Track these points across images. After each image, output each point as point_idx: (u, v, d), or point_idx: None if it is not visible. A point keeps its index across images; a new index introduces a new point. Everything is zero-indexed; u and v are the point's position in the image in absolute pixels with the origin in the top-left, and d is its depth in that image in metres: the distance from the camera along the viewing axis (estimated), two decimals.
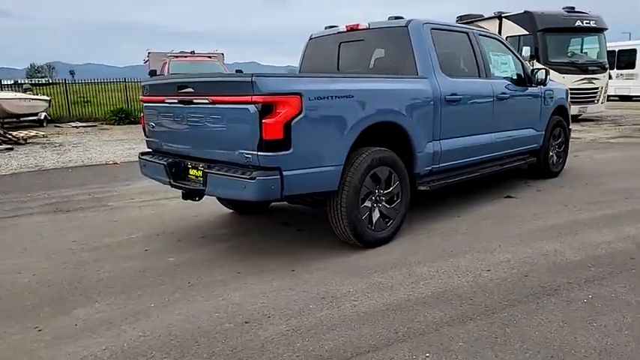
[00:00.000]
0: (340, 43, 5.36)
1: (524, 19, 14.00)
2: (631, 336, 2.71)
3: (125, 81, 22.73)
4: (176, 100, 4.08)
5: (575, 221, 4.81)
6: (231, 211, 5.54)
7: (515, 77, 5.88)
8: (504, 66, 5.86)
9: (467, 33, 5.37)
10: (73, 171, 8.77)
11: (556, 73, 13.47)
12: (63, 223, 5.39)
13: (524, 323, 2.88)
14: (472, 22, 16.52)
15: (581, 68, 13.90)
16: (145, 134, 4.77)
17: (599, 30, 14.37)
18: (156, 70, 14.77)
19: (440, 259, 3.91)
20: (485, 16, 15.78)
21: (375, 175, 4.09)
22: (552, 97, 6.52)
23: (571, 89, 13.39)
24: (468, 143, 5.06)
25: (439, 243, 4.32)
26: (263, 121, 3.38)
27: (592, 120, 15.06)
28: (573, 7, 14.50)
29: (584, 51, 14.57)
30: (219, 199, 5.31)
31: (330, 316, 3.03)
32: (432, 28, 4.83)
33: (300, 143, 3.51)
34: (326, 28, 5.70)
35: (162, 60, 15.98)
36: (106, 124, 19.09)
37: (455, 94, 4.77)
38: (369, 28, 5.06)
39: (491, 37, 5.87)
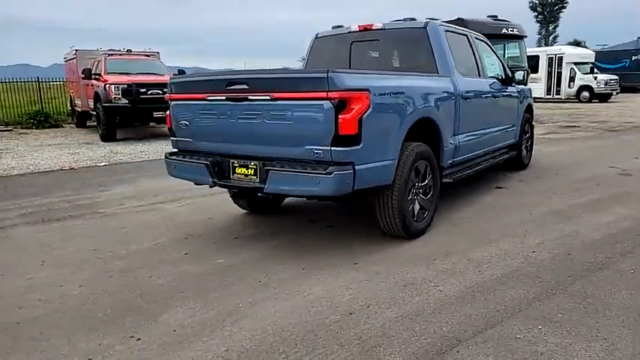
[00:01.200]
0: (352, 43, 5.50)
1: (458, 25, 14.94)
2: None
3: (39, 81, 20.99)
4: (223, 97, 3.98)
5: (572, 206, 5.35)
6: (244, 211, 5.45)
7: (500, 77, 6.38)
8: (492, 67, 6.33)
9: (466, 35, 5.75)
10: (28, 178, 8.03)
11: None
12: (62, 232, 4.98)
13: (599, 294, 3.22)
14: None
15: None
16: (171, 134, 4.58)
17: (520, 37, 15.76)
18: (90, 69, 13.78)
19: (483, 245, 4.20)
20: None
21: (416, 169, 4.29)
22: (525, 97, 7.15)
23: None
24: (475, 137, 5.43)
25: (469, 231, 4.61)
26: (339, 116, 3.43)
27: None
28: (496, 15, 15.74)
29: (507, 56, 15.87)
30: (234, 199, 5.22)
31: (426, 302, 3.17)
32: (445, 30, 5.14)
33: (367, 138, 3.60)
34: (333, 27, 5.81)
35: (92, 58, 14.91)
36: (23, 127, 17.49)
37: (468, 92, 5.11)
38: (384, 29, 5.25)
39: (480, 40, 6.32)
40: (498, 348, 2.62)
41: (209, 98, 4.09)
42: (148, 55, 15.26)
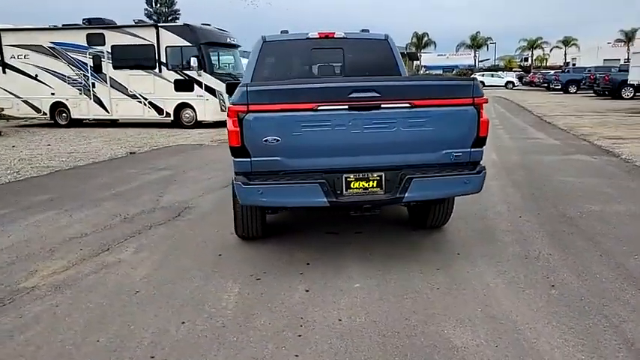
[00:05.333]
0: (312, 49, 5.44)
1: (186, 31, 14.91)
2: None
3: None
4: (345, 107, 3.61)
5: None
6: (237, 241, 4.74)
7: None
8: None
9: None
10: None
11: (221, 82, 15.23)
12: (49, 317, 3.25)
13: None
14: (119, 27, 15.94)
15: (235, 79, 16.13)
16: (238, 154, 3.65)
17: (237, 46, 16.98)
18: None
19: (500, 217, 5.25)
20: (138, 23, 15.68)
21: None
22: None
23: None
24: None
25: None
26: (481, 119, 3.82)
27: None
28: (209, 24, 16.40)
29: (227, 64, 16.81)
30: (245, 220, 4.49)
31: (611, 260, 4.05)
32: None
33: None
34: (282, 32, 5.53)
35: None
36: None
37: None
38: (346, 38, 5.47)
39: None
40: None
41: (321, 108, 3.60)
42: None
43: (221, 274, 3.94)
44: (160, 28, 15.10)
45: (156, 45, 15.10)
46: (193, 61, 14.68)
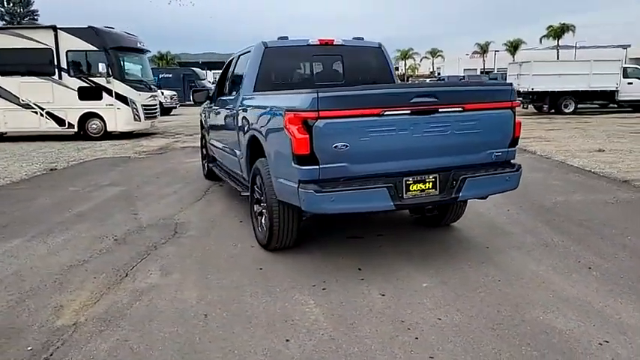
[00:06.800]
0: (313, 55, 5.40)
1: (91, 34, 13.63)
2: None
3: None
4: (408, 111, 3.70)
5: None
6: (263, 254, 4.56)
7: None
8: None
9: None
10: None
11: (133, 90, 14.24)
12: None
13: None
14: (5, 29, 14.20)
15: (147, 86, 15.13)
16: (305, 162, 3.53)
17: (147, 51, 15.94)
18: None
19: (493, 210, 5.66)
20: (31, 24, 14.00)
21: None
22: None
23: (144, 106, 14.81)
24: None
25: None
26: (516, 121, 4.15)
27: (154, 133, 16.26)
28: (113, 27, 15.20)
29: (137, 70, 15.66)
30: (283, 230, 4.33)
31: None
32: None
33: None
34: (279, 38, 5.39)
35: None
36: None
37: None
38: (344, 45, 5.52)
39: None
40: None
41: (387, 113, 3.64)
42: None
43: (280, 288, 3.77)
44: (59, 31, 13.62)
45: (54, 49, 13.62)
46: (102, 67, 13.53)
